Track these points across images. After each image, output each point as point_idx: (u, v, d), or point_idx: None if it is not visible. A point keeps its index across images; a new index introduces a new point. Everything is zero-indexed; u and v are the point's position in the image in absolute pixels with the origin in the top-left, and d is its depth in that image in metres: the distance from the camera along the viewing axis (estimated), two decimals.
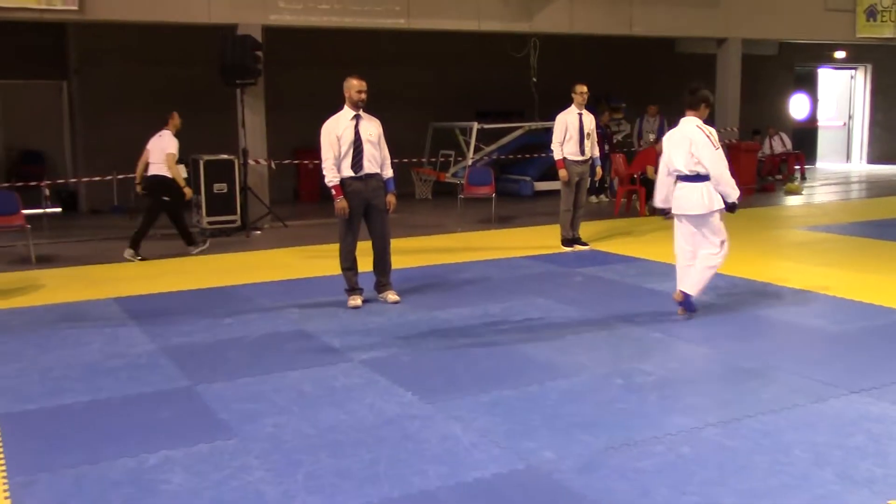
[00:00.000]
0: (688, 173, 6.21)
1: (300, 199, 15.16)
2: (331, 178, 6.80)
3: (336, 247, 7.14)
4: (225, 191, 10.97)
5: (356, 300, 6.98)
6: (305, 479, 3.75)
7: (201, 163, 10.91)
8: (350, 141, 6.76)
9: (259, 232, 11.24)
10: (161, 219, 9.75)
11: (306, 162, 14.37)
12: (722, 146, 6.32)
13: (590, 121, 9.59)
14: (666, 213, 6.56)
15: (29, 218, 9.54)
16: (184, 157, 10.42)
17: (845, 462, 3.82)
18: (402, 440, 4.17)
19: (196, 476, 3.79)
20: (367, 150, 6.81)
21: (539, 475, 3.77)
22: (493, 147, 15.11)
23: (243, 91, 11.24)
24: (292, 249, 9.93)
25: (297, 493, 3.62)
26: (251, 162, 11.44)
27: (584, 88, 9.55)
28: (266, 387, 5.00)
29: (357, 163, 6.79)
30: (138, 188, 9.90)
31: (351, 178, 6.81)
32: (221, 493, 3.64)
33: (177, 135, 9.70)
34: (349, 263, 7.01)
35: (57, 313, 6.90)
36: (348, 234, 6.95)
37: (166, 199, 9.54)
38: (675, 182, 6.33)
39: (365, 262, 7.17)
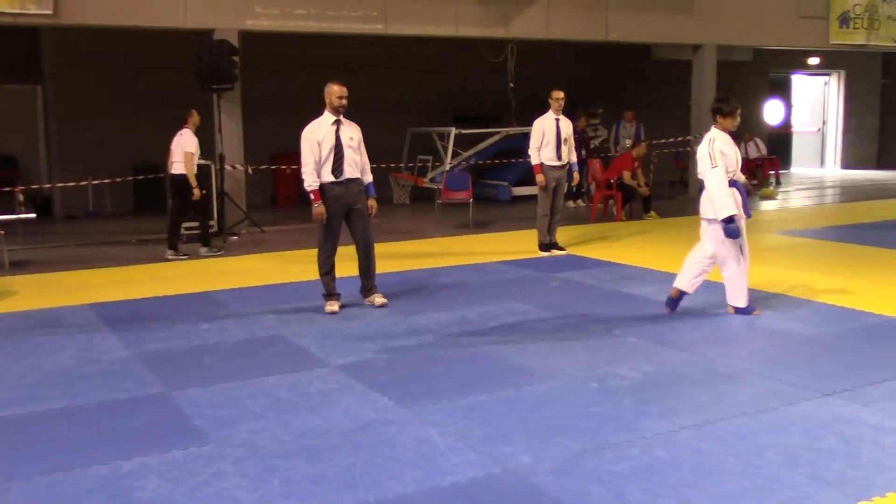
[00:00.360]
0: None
1: (277, 204, 15.13)
2: (310, 182, 6.79)
3: (314, 252, 7.13)
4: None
5: (333, 306, 6.97)
6: (281, 485, 3.74)
7: None
8: (331, 146, 6.77)
9: (236, 237, 11.20)
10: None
11: (284, 167, 14.36)
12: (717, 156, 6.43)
13: (567, 126, 9.65)
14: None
15: (2, 223, 9.45)
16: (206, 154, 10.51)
17: (817, 464, 3.87)
18: (378, 445, 4.17)
19: (170, 483, 3.77)
20: (348, 154, 6.82)
21: (515, 479, 3.79)
22: (470, 152, 15.15)
23: (220, 96, 11.20)
24: (269, 255, 9.91)
25: (272, 499, 3.61)
26: (228, 167, 11.40)
27: (561, 94, 9.60)
28: (242, 393, 4.98)
29: (338, 167, 6.80)
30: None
31: (332, 182, 6.81)
32: (196, 499, 3.62)
33: (196, 132, 9.95)
34: (327, 268, 7.01)
35: (31, 320, 6.84)
36: (328, 239, 6.95)
37: (193, 197, 9.76)
38: None
39: (346, 268, 7.17)
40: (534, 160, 9.56)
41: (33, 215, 12.90)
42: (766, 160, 18.05)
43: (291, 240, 10.90)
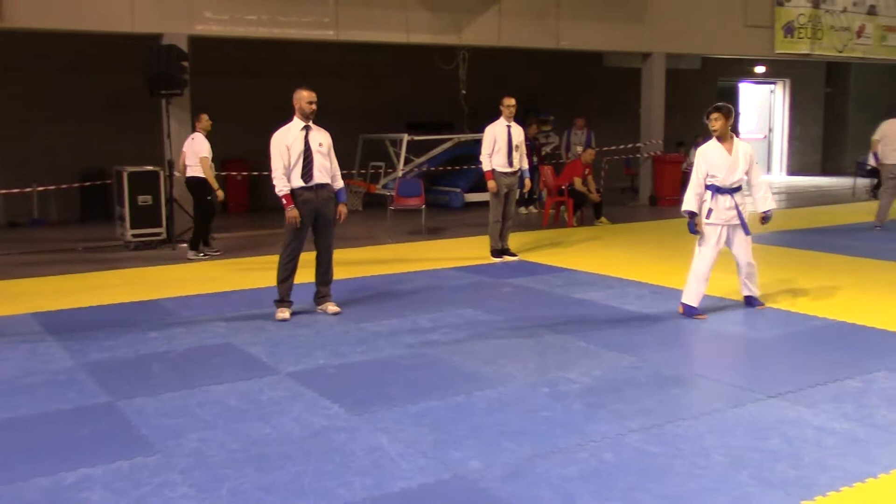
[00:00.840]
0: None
1: (228, 210, 14.96)
2: (281, 187, 6.78)
3: (264, 259, 7.07)
4: (150, 203, 10.75)
5: (284, 313, 6.93)
6: (229, 495, 3.70)
7: (125, 174, 10.69)
8: (300, 151, 6.77)
9: (185, 244, 11.04)
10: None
11: (234, 173, 14.23)
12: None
13: (518, 133, 9.70)
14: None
15: None
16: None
17: (761, 465, 3.93)
18: (329, 453, 4.14)
19: (116, 493, 3.71)
20: (317, 160, 6.82)
21: (465, 484, 3.79)
22: (423, 159, 15.16)
23: (169, 102, 11.07)
24: (219, 262, 9.80)
25: None
26: (177, 174, 11.24)
27: (512, 101, 9.66)
28: (190, 401, 4.92)
29: (307, 173, 6.79)
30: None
31: (301, 188, 6.80)
32: None
33: (208, 136, 10.20)
34: (287, 274, 6.97)
35: None
36: (293, 244, 6.92)
37: (209, 198, 10.04)
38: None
39: (300, 275, 7.11)
40: (485, 167, 9.60)
41: None
42: None
43: (241, 247, 10.80)
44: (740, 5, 16.09)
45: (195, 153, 10.00)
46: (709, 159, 6.79)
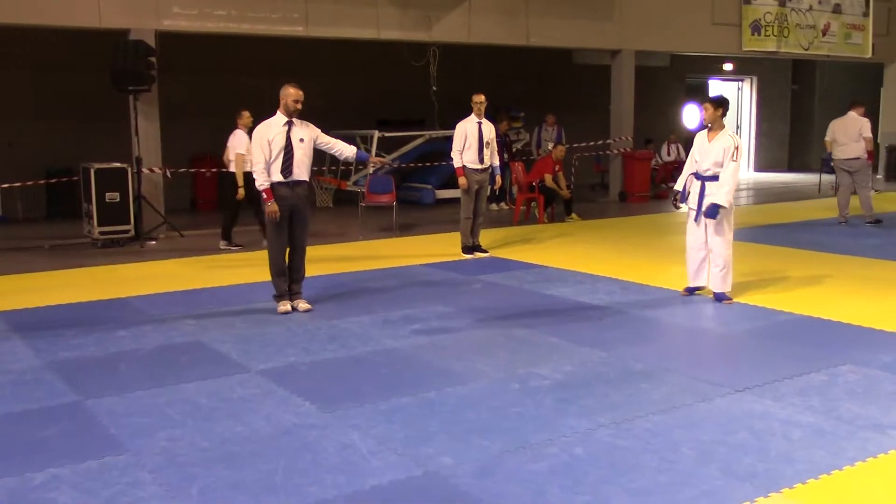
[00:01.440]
0: None
1: (197, 207, 14.87)
2: (261, 181, 6.78)
3: (234, 256, 7.03)
4: (117, 200, 10.63)
5: (286, 306, 6.97)
6: (200, 493, 3.68)
7: (92, 171, 10.56)
8: (281, 146, 6.77)
9: (154, 242, 10.96)
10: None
11: (203, 170, 14.11)
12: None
13: (489, 130, 9.72)
14: None
15: None
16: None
17: (729, 458, 3.98)
18: (300, 450, 4.13)
19: (84, 493, 3.68)
20: (298, 156, 6.83)
21: (436, 480, 3.80)
22: (394, 155, 15.13)
23: (136, 98, 10.95)
24: (188, 260, 9.72)
25: None
26: (145, 170, 11.15)
27: (482, 98, 9.68)
28: (160, 400, 4.88)
29: (287, 168, 6.79)
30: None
31: (279, 183, 6.80)
32: None
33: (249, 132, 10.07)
34: (279, 268, 6.99)
35: None
36: (277, 240, 6.94)
37: (237, 196, 10.20)
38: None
39: (267, 272, 7.08)
40: (456, 163, 9.61)
41: None
42: (683, 163, 18.47)
43: (211, 244, 10.72)
44: (708, 3, 16.23)
45: (232, 148, 10.24)
46: (695, 145, 7.21)
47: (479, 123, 9.61)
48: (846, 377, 5.17)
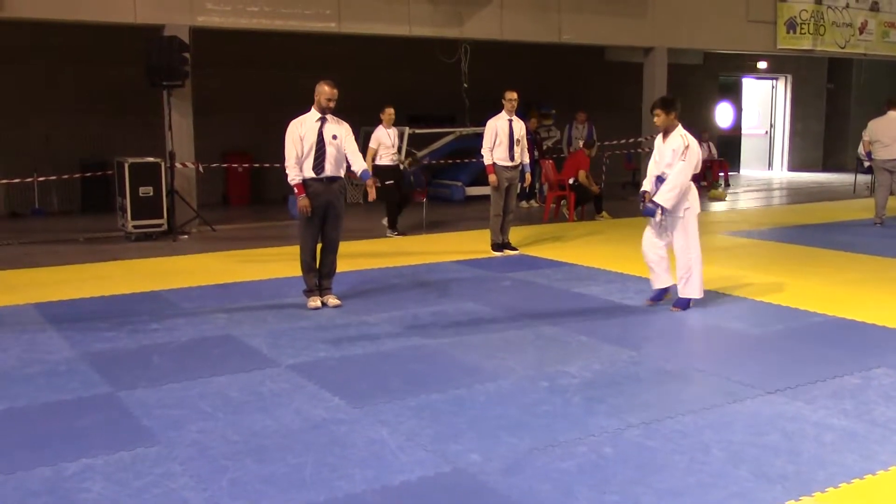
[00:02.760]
0: None
1: (229, 203, 14.99)
2: (293, 176, 6.81)
3: (265, 251, 7.08)
4: (151, 194, 10.75)
5: (316, 301, 6.99)
6: (230, 486, 3.72)
7: (126, 165, 10.68)
8: (312, 142, 6.79)
9: (186, 236, 11.07)
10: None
11: (235, 165, 14.23)
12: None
13: (520, 127, 9.70)
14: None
15: None
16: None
17: (760, 460, 3.95)
18: (329, 445, 4.16)
19: (117, 484, 3.72)
20: (330, 152, 6.84)
21: (464, 477, 3.81)
22: (424, 152, 15.15)
23: (170, 93, 11.06)
24: (220, 254, 9.81)
25: (220, 500, 3.58)
26: (178, 165, 11.26)
27: (514, 95, 9.66)
28: (191, 392, 4.93)
29: (319, 164, 6.80)
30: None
31: (312, 179, 6.81)
32: (143, 500, 3.58)
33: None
34: (310, 266, 7.01)
35: None
36: (308, 237, 6.95)
37: (389, 182, 10.86)
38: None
39: (297, 267, 7.12)
40: (487, 160, 9.60)
41: None
42: (716, 162, 18.34)
43: (242, 238, 10.81)
44: (743, 0, 16.07)
45: (376, 140, 11.08)
46: (655, 147, 7.00)
47: (510, 121, 9.60)
48: (880, 380, 5.10)
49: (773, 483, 3.71)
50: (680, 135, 6.77)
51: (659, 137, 6.93)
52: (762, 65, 21.14)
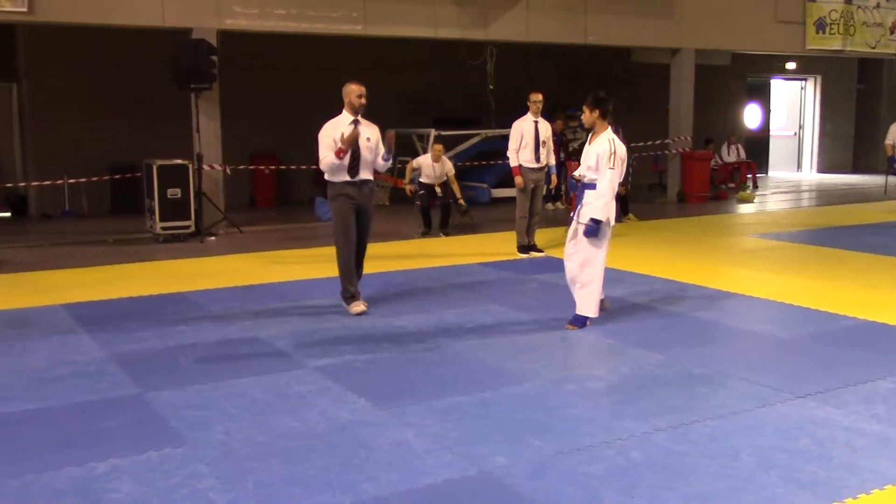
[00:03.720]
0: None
1: (256, 204, 15.07)
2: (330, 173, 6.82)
3: (294, 252, 7.09)
4: (179, 196, 10.83)
5: (359, 306, 6.88)
6: (255, 487, 3.72)
7: (154, 168, 10.77)
8: None
9: (214, 238, 11.14)
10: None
11: (262, 168, 14.30)
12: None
13: (545, 129, 9.67)
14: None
15: None
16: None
17: (790, 465, 3.89)
18: (355, 447, 4.15)
19: (144, 484, 3.74)
20: (364, 156, 6.81)
21: (490, 480, 3.79)
22: (450, 154, 15.13)
23: (198, 96, 11.14)
24: (247, 255, 9.86)
25: (246, 501, 3.59)
26: (206, 167, 11.33)
27: (540, 97, 9.63)
28: (217, 394, 4.95)
29: (354, 168, 6.77)
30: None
31: (346, 182, 6.78)
32: (170, 501, 3.59)
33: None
34: (348, 271, 6.94)
35: (3, 320, 6.76)
36: (345, 241, 6.89)
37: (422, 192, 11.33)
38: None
39: (324, 269, 7.13)
40: (512, 162, 9.58)
41: (8, 214, 12.83)
42: (744, 164, 18.20)
43: (269, 240, 10.86)
44: (771, 1, 15.92)
45: None
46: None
47: (536, 122, 9.57)
48: None
49: (803, 489, 3.66)
50: (608, 139, 6.23)
51: (590, 137, 6.46)
52: (791, 65, 20.93)
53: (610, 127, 6.39)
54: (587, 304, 6.39)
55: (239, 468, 3.92)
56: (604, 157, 6.17)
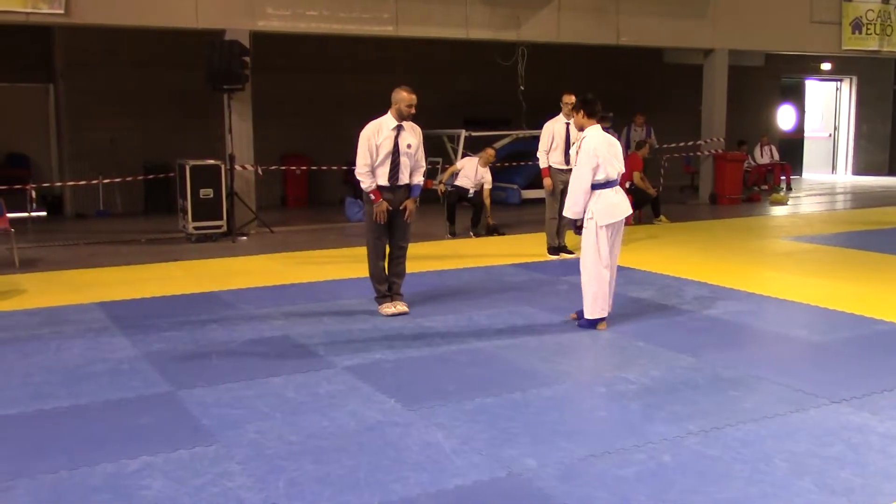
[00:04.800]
0: (615, 178, 6.31)
1: (287, 204, 15.16)
2: (368, 183, 6.72)
3: (325, 252, 7.12)
4: (211, 196, 10.92)
5: (390, 307, 6.87)
6: (286, 486, 3.74)
7: (187, 168, 10.87)
8: (388, 151, 6.71)
9: (245, 237, 11.22)
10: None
11: (293, 168, 14.38)
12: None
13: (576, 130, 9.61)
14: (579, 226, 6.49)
15: (13, 221, 9.48)
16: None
17: (824, 471, 3.84)
18: (384, 447, 4.16)
19: (176, 482, 3.78)
20: (404, 162, 6.77)
21: (520, 482, 3.78)
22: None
23: (231, 97, 11.23)
24: (278, 255, 9.92)
25: (277, 500, 3.61)
26: (238, 167, 11.42)
27: (571, 98, 9.55)
28: (249, 392, 4.98)
29: (393, 174, 6.73)
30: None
31: (384, 187, 6.75)
32: (201, 499, 3.62)
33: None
34: (378, 275, 6.93)
35: (39, 318, 6.86)
36: (378, 244, 6.88)
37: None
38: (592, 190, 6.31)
39: (355, 269, 7.15)
40: (542, 163, 9.55)
41: (44, 213, 13.01)
42: (778, 165, 18.00)
43: (300, 240, 10.91)
44: (806, 1, 15.74)
45: None
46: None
47: (567, 124, 9.53)
48: None
49: (837, 495, 3.61)
50: (584, 136, 6.32)
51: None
52: (826, 66, 20.67)
53: (598, 125, 6.42)
54: (586, 305, 6.37)
55: (270, 467, 3.94)
56: (579, 154, 6.28)
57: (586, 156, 6.20)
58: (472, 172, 11.43)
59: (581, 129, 6.50)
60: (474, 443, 4.20)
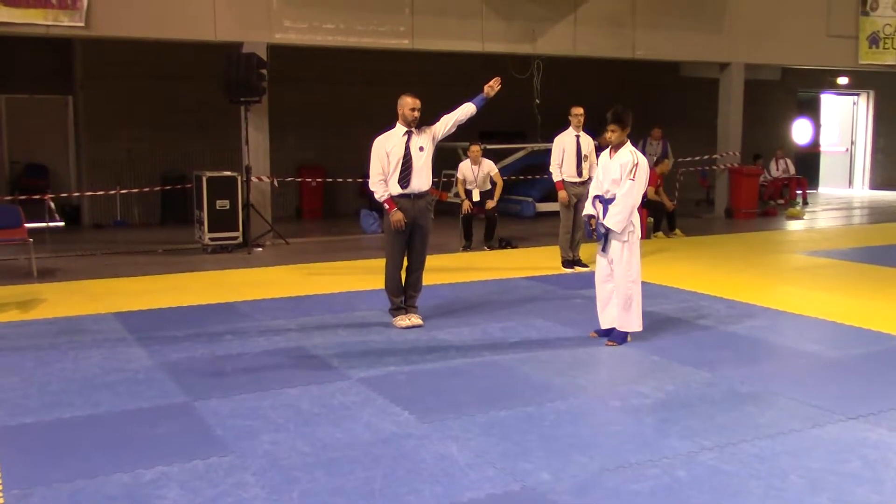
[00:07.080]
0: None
1: (303, 216, 15.22)
2: (381, 193, 6.74)
3: (337, 264, 7.14)
4: (227, 207, 10.98)
5: (405, 320, 6.88)
6: (300, 497, 3.75)
7: (204, 179, 10.94)
8: (399, 157, 6.72)
9: (260, 249, 11.27)
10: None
11: (309, 180, 14.45)
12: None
13: (587, 142, 9.64)
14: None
15: (32, 231, 9.57)
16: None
17: (840, 488, 3.82)
18: (398, 459, 4.17)
19: (191, 492, 3.79)
20: (417, 166, 6.75)
21: (534, 496, 3.77)
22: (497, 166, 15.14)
23: (247, 108, 11.30)
24: (293, 266, 9.95)
25: None
26: (254, 179, 11.48)
27: (581, 110, 9.61)
28: (263, 403, 5.00)
29: (405, 178, 6.73)
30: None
31: (399, 195, 6.75)
32: None
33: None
34: (396, 284, 6.94)
35: (57, 327, 6.91)
36: (395, 254, 6.88)
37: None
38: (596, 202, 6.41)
39: (370, 281, 7.16)
40: (555, 177, 9.57)
41: (62, 224, 13.11)
42: (794, 180, 17.93)
43: (315, 252, 10.95)
44: (823, 15, 15.70)
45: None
46: (599, 165, 6.58)
47: (577, 136, 9.54)
48: None
49: None
50: (630, 151, 6.30)
51: (605, 153, 6.47)
52: (843, 80, 20.60)
53: (629, 140, 6.44)
54: (632, 319, 6.33)
55: (284, 478, 3.95)
56: (626, 168, 6.22)
57: (644, 174, 6.24)
58: (471, 175, 11.48)
59: (621, 145, 6.37)
60: (488, 456, 4.20)
